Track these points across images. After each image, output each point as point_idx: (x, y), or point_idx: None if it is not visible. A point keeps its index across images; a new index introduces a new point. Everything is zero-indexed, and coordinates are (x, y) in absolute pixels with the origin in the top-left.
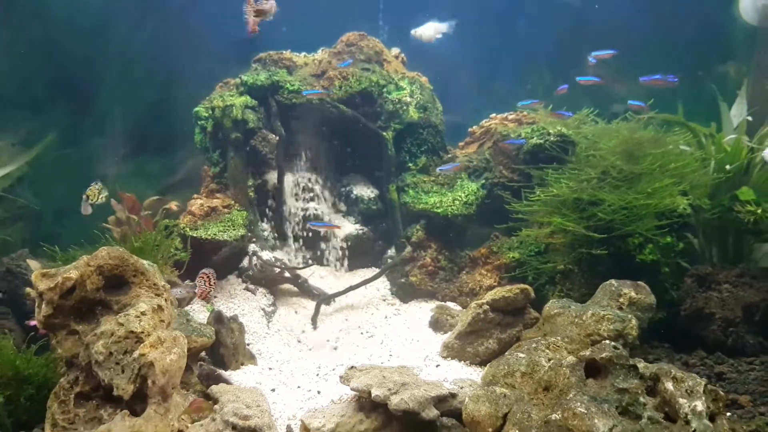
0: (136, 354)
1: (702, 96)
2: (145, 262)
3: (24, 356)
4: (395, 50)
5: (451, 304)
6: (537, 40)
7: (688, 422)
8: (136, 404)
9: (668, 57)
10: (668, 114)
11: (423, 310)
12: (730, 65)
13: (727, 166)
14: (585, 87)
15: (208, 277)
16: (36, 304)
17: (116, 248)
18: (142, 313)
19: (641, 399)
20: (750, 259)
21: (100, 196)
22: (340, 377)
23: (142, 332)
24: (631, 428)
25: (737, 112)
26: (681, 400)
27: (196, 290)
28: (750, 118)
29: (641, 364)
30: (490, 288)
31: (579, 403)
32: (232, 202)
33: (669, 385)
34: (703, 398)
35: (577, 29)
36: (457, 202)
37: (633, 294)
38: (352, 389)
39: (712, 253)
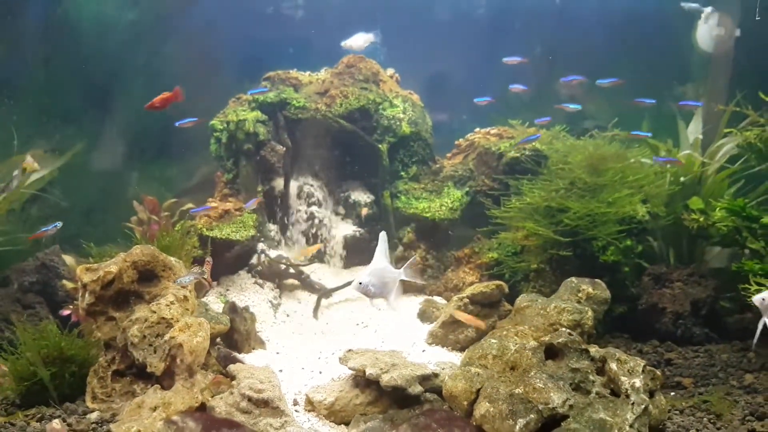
0: (167, 337)
1: (663, 115)
2: (172, 258)
3: (67, 339)
4: (390, 70)
5: (437, 298)
6: (518, 66)
7: (628, 396)
8: (164, 380)
9: (634, 79)
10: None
11: (412, 303)
12: (688, 87)
13: (682, 178)
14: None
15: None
16: (80, 294)
17: (148, 246)
18: (171, 303)
19: (591, 377)
20: (702, 260)
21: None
22: (339, 359)
23: (172, 318)
24: (582, 401)
25: (694, 130)
26: (623, 378)
27: (204, 276)
28: (701, 136)
29: (592, 349)
30: (472, 284)
31: (538, 380)
32: (243, 205)
33: (614, 366)
34: (641, 377)
35: (552, 54)
36: (443, 208)
37: (590, 290)
38: (349, 368)
39: (669, 255)
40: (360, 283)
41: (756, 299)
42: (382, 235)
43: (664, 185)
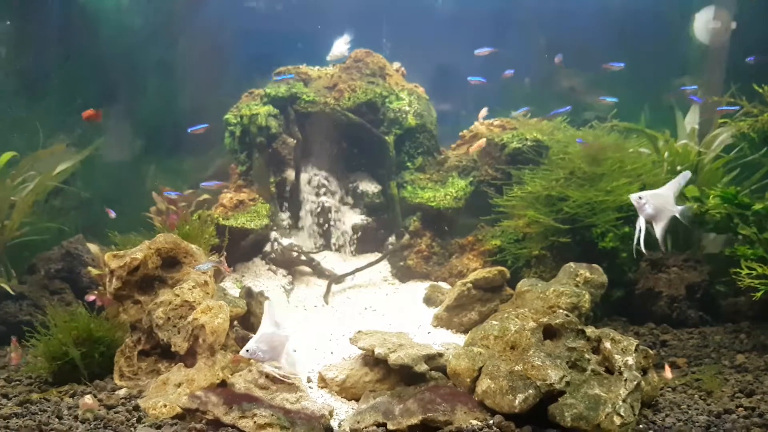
0: (190, 318)
1: (661, 105)
2: (193, 246)
3: (96, 321)
4: (396, 64)
5: (442, 284)
6: (519, 57)
7: (621, 373)
8: (187, 359)
9: (633, 71)
10: (632, 122)
11: (418, 288)
12: (685, 78)
13: (678, 167)
14: (562, 97)
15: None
16: (107, 279)
17: (170, 234)
18: (193, 287)
19: (587, 356)
20: (698, 246)
21: None
22: (350, 339)
23: (194, 301)
24: (578, 378)
25: (691, 120)
26: (616, 356)
27: (220, 265)
28: (697, 126)
29: (588, 329)
30: (476, 270)
31: (537, 358)
32: (257, 196)
33: (608, 345)
34: (634, 355)
35: (554, 48)
36: (448, 197)
37: (588, 274)
38: (359, 348)
39: (667, 241)
40: (247, 350)
41: (633, 197)
42: (268, 303)
43: (661, 174)
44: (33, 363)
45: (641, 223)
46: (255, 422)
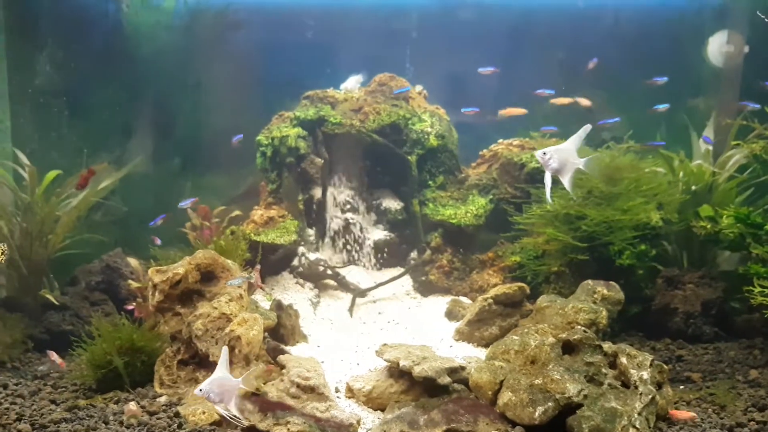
0: (227, 330)
1: (676, 126)
2: (229, 261)
3: (138, 332)
4: (419, 87)
5: (463, 299)
6: (537, 79)
7: (636, 387)
8: None
9: (649, 92)
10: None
11: (440, 303)
12: (700, 100)
13: (693, 187)
14: (581, 116)
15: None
16: (150, 293)
17: (209, 250)
18: (230, 300)
19: (604, 370)
20: (713, 263)
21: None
22: (376, 352)
23: (231, 314)
24: (595, 392)
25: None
26: (632, 371)
27: (252, 280)
28: (711, 148)
29: (605, 344)
30: (496, 286)
31: (556, 372)
32: (286, 212)
33: (624, 360)
34: (649, 370)
35: (570, 70)
36: (468, 214)
37: (605, 291)
38: (384, 360)
39: (683, 258)
40: (200, 390)
41: (537, 154)
42: (224, 349)
43: (676, 193)
44: (77, 371)
45: (548, 178)
46: (288, 429)
